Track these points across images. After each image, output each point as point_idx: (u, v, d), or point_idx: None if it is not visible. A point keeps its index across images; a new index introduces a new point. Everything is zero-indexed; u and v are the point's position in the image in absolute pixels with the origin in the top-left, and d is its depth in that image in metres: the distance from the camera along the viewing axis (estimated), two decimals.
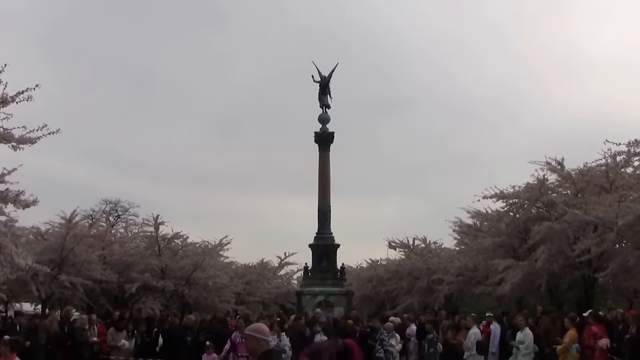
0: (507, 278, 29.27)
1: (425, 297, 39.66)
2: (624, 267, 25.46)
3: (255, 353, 7.52)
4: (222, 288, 38.32)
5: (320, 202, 40.06)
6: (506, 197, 31.45)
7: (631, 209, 23.18)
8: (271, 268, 48.70)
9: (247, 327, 10.29)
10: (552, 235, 27.74)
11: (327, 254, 39.38)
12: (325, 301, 36.70)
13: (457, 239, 40.03)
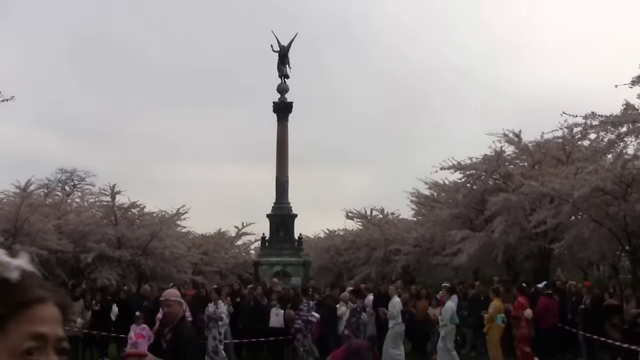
0: (464, 249, 29.50)
1: (382, 267, 39.90)
2: (579, 239, 25.80)
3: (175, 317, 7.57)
4: (179, 258, 38.23)
5: (278, 172, 39.93)
6: (463, 168, 31.62)
7: (587, 181, 23.41)
8: (228, 238, 48.62)
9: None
10: (508, 207, 27.96)
11: (285, 224, 39.35)
12: (283, 271, 36.70)
13: (415, 210, 40.33)
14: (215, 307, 18.19)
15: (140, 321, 17.25)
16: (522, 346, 18.82)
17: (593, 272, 37.27)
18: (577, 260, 31.91)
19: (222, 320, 17.93)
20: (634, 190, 22.68)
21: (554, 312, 21.08)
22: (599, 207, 23.95)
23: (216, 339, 17.75)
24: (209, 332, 17.97)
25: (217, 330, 17.80)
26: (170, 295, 7.89)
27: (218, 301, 18.38)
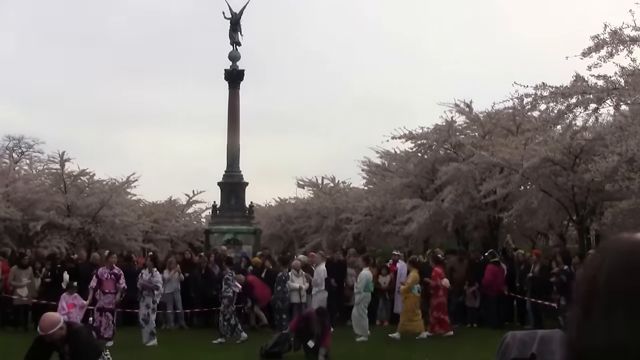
0: (414, 218, 29.71)
1: (333, 235, 40.10)
2: (527, 208, 26.16)
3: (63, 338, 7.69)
4: (129, 226, 38.02)
5: (229, 140, 39.66)
6: (415, 137, 31.75)
7: (536, 151, 23.70)
8: (179, 206, 48.45)
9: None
10: (459, 176, 28.22)
11: (236, 192, 39.19)
12: (234, 239, 36.60)
13: (366, 179, 40.52)
14: (150, 275, 18.02)
15: (72, 290, 17.03)
16: (439, 314, 19.39)
17: (541, 242, 37.83)
18: (526, 230, 32.40)
19: (157, 289, 17.78)
20: (582, 161, 23.03)
21: (501, 280, 21.39)
22: (547, 177, 24.29)
23: (149, 307, 17.58)
24: (142, 300, 17.84)
25: (151, 298, 17.63)
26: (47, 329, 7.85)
27: (153, 269, 18.21)
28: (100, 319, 17.72)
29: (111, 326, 17.79)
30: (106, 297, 17.81)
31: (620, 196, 21.41)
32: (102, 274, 18.02)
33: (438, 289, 19.47)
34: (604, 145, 20.76)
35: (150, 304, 17.65)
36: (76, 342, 7.79)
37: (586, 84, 18.82)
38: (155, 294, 17.77)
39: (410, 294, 18.96)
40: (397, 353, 16.02)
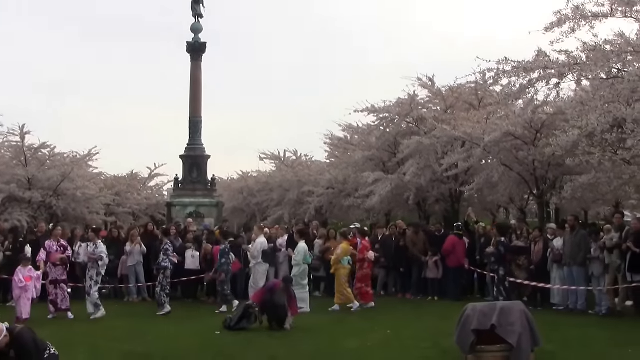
0: (376, 191, 29.79)
1: (295, 208, 40.11)
2: (489, 182, 26.33)
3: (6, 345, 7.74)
4: (91, 199, 37.72)
5: (191, 113, 39.50)
6: (377, 111, 31.78)
7: (498, 125, 23.84)
8: (141, 179, 48.16)
9: None
10: (421, 150, 28.30)
11: (198, 165, 39.11)
12: (196, 212, 36.59)
13: (328, 152, 40.53)
14: (94, 247, 17.90)
15: (26, 263, 16.90)
16: (363, 286, 19.75)
17: (502, 216, 38.20)
18: (487, 204, 32.66)
19: (101, 259, 17.68)
20: (543, 136, 23.22)
21: (461, 252, 21.62)
22: (509, 151, 24.46)
23: (92, 279, 17.49)
24: (88, 272, 17.75)
25: (95, 270, 17.54)
26: None
27: (97, 241, 18.08)
28: (56, 292, 17.68)
29: (67, 297, 17.75)
30: (57, 270, 17.76)
31: (580, 171, 21.64)
32: (50, 246, 17.91)
33: (364, 261, 19.86)
34: (565, 120, 20.93)
35: (94, 276, 17.52)
36: (20, 345, 7.84)
37: (548, 59, 18.91)
38: (100, 264, 17.62)
39: (340, 266, 19.33)
40: (359, 325, 16.13)
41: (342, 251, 19.40)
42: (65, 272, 18.04)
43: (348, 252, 19.49)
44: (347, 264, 19.50)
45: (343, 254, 19.34)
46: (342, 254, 19.34)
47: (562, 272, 18.75)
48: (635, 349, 12.60)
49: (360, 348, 13.01)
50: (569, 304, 18.72)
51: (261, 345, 13.41)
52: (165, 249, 18.76)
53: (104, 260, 17.77)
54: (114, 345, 13.39)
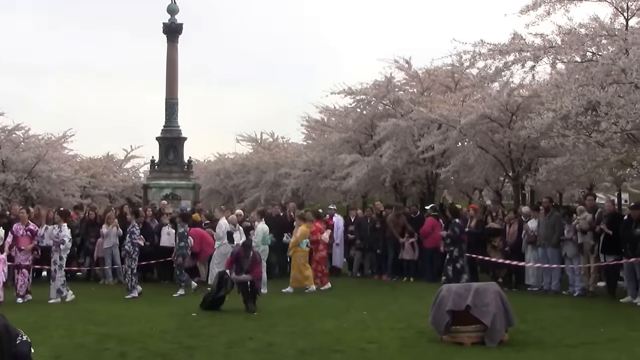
0: (353, 173, 29.89)
1: (272, 190, 40.14)
2: (464, 165, 26.50)
3: None
4: (66, 181, 37.60)
5: (167, 94, 39.28)
6: (354, 93, 31.87)
7: (474, 108, 23.96)
8: (117, 161, 47.92)
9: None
10: (397, 132, 28.39)
11: (174, 147, 38.94)
12: (172, 194, 36.47)
13: (305, 134, 40.59)
14: (58, 230, 17.75)
15: None
16: (320, 267, 20.00)
17: (477, 197, 38.39)
18: (463, 186, 32.89)
19: (63, 243, 17.52)
20: (518, 118, 23.36)
21: (439, 234, 21.74)
22: (484, 133, 24.59)
23: (56, 264, 17.36)
24: (52, 256, 17.61)
25: (58, 254, 17.42)
26: None
27: (62, 224, 17.92)
28: (17, 277, 17.51)
29: (26, 283, 17.58)
30: (22, 255, 17.56)
31: (555, 153, 21.81)
32: (17, 230, 17.74)
33: (318, 243, 20.00)
34: (540, 102, 21.06)
35: (57, 260, 17.38)
36: None
37: (524, 41, 19.00)
38: (62, 248, 17.46)
39: (299, 248, 19.50)
40: (335, 307, 16.21)
41: (301, 234, 19.55)
42: (30, 258, 17.85)
43: (307, 235, 19.65)
44: (306, 247, 19.67)
45: (302, 237, 19.51)
46: (301, 237, 19.50)
47: (536, 253, 18.94)
48: (607, 329, 12.76)
49: (336, 329, 13.07)
50: (543, 285, 18.92)
51: (238, 327, 13.45)
52: (131, 231, 18.67)
53: (65, 244, 17.53)
54: (89, 328, 13.36)
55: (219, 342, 11.86)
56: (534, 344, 11.45)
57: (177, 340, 12.00)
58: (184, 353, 10.89)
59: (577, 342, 11.47)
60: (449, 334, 11.53)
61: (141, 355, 10.79)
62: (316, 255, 19.99)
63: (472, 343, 11.24)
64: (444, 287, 11.94)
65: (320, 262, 20.08)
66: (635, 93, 15.48)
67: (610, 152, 18.29)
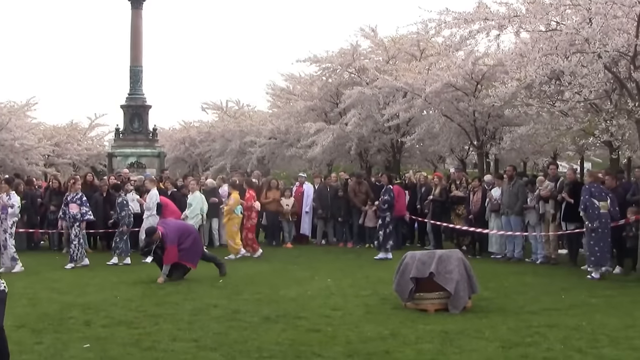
0: (318, 141, 29.88)
1: (237, 158, 40.06)
2: (429, 133, 26.61)
3: None
4: (29, 150, 37.27)
5: (131, 62, 38.83)
6: (319, 61, 31.76)
7: (439, 76, 23.98)
8: (81, 129, 47.42)
9: None
10: (362, 100, 28.39)
11: (139, 115, 38.56)
12: (137, 162, 36.23)
13: (270, 102, 40.46)
14: (7, 197, 17.55)
15: None
16: (251, 235, 20.23)
17: (443, 166, 38.59)
18: (428, 154, 33.04)
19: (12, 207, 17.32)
20: (483, 87, 23.44)
21: (403, 203, 21.90)
22: (449, 102, 24.66)
23: (6, 232, 17.20)
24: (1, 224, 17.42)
25: (7, 222, 17.24)
26: None
27: (10, 192, 17.72)
28: None
29: None
30: None
31: (519, 122, 21.97)
32: None
33: (251, 210, 20.18)
34: (505, 71, 21.13)
35: (7, 229, 17.22)
36: None
37: (488, 10, 18.98)
38: (9, 212, 17.26)
39: (233, 215, 19.72)
40: (300, 274, 16.30)
41: (233, 201, 19.78)
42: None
43: (239, 202, 19.85)
44: (240, 213, 19.85)
45: (235, 204, 19.72)
46: (234, 204, 19.71)
47: (499, 221, 19.14)
48: (568, 295, 12.95)
49: (301, 296, 13.15)
50: (506, 253, 19.14)
51: (202, 294, 13.47)
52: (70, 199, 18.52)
53: (13, 210, 17.32)
54: (54, 297, 13.33)
55: (183, 309, 11.89)
56: (497, 310, 11.60)
57: (142, 308, 12.00)
58: (148, 321, 10.90)
59: (539, 308, 11.65)
60: (412, 300, 11.63)
61: (106, 323, 10.78)
62: (247, 223, 20.17)
63: (435, 310, 11.36)
64: (408, 254, 12.03)
65: (250, 230, 20.30)
66: (598, 63, 15.57)
67: (573, 121, 18.46)
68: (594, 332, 9.71)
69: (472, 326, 10.22)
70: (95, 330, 10.30)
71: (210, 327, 10.40)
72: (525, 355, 8.51)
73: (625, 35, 15.27)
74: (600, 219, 15.23)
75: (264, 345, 9.17)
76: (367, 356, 8.58)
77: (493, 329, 9.98)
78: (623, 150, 19.29)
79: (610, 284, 14.38)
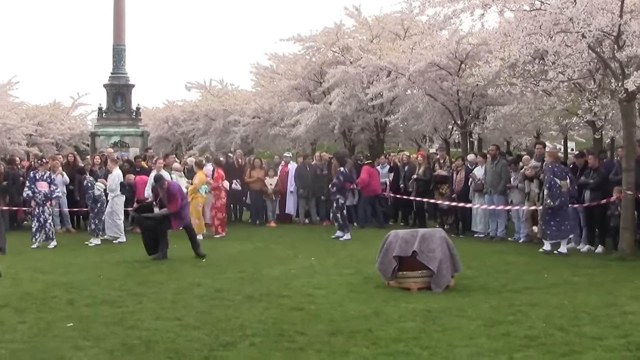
0: (302, 120, 29.83)
1: (221, 138, 39.93)
2: (413, 112, 26.58)
3: None
4: (12, 129, 37.05)
5: (114, 40, 38.53)
6: (303, 40, 31.68)
7: (423, 55, 23.93)
8: (64, 109, 47.11)
9: None
10: (346, 79, 28.33)
11: (122, 94, 38.29)
12: (121, 142, 36.04)
13: (254, 81, 40.37)
14: None
15: None
16: (219, 214, 20.46)
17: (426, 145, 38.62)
18: (411, 133, 33.04)
19: None
20: (467, 66, 23.40)
21: (376, 182, 22.01)
22: (433, 81, 24.60)
23: None
24: None
25: None
26: None
27: None
28: None
29: None
30: None
31: (503, 101, 21.96)
32: None
33: (220, 190, 20.37)
34: (489, 51, 21.09)
35: None
36: None
37: None
38: None
39: (198, 194, 19.87)
40: (283, 253, 16.35)
41: (199, 180, 19.91)
42: None
43: (204, 181, 19.97)
44: (205, 193, 19.99)
45: (201, 183, 19.84)
46: (199, 183, 19.83)
47: (482, 201, 19.20)
48: (550, 274, 13.03)
49: (284, 275, 13.18)
50: (489, 232, 19.22)
51: (186, 273, 13.49)
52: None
53: None
54: (36, 276, 13.31)
55: (167, 288, 11.90)
56: (479, 289, 11.66)
57: (125, 287, 12.01)
58: (132, 300, 10.90)
59: (521, 287, 11.71)
60: (395, 279, 11.68)
61: (89, 302, 10.79)
62: (217, 203, 20.33)
63: (418, 288, 11.41)
64: (392, 232, 12.06)
65: (220, 210, 20.42)
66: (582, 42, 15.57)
67: (556, 100, 18.48)
68: (576, 310, 9.78)
69: (454, 305, 10.27)
70: (79, 310, 10.30)
71: (193, 306, 10.43)
72: (508, 333, 8.56)
73: (609, 15, 15.26)
74: (561, 197, 15.91)
75: (247, 324, 9.19)
76: (350, 334, 8.61)
77: (475, 308, 10.03)
78: (606, 130, 19.37)
79: (592, 263, 14.49)
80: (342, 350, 7.89)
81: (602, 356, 7.55)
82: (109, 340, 8.49)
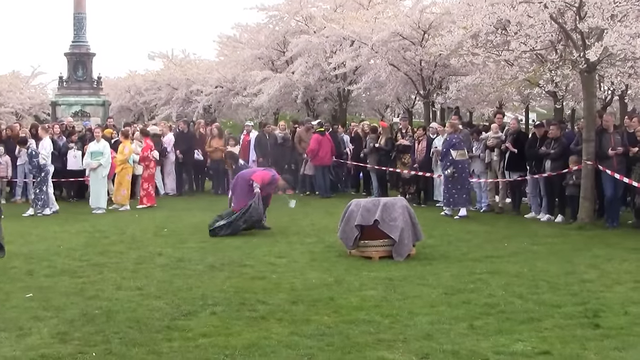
0: (265, 89, 29.78)
1: (184, 107, 39.71)
2: (376, 82, 26.62)
3: None
4: None
5: (75, 8, 37.98)
6: (267, 9, 31.57)
7: (386, 25, 23.93)
8: (24, 78, 46.57)
9: None
10: (309, 49, 28.29)
11: (83, 63, 37.84)
12: (82, 111, 35.70)
13: (218, 51, 40.17)
14: None
15: None
16: (147, 185, 20.33)
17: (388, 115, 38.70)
18: (374, 103, 33.10)
19: None
20: (430, 36, 23.41)
21: (327, 150, 22.06)
22: (396, 51, 24.60)
23: None
24: None
25: None
26: None
27: None
28: None
29: None
30: None
31: (466, 72, 22.04)
32: None
33: (150, 160, 20.31)
34: (452, 20, 21.11)
35: None
36: None
37: None
38: None
39: (127, 165, 19.72)
40: None
41: (128, 150, 19.73)
42: None
43: (132, 151, 19.83)
44: (132, 163, 19.85)
45: (130, 153, 19.70)
46: (128, 154, 19.67)
47: None
48: (510, 243, 13.15)
49: (246, 244, 13.16)
50: None
51: (147, 243, 13.45)
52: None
53: None
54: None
55: (128, 258, 11.84)
56: (440, 257, 11.73)
57: (86, 257, 11.92)
58: (92, 270, 10.83)
59: (482, 255, 11.81)
60: (357, 248, 11.71)
61: (48, 273, 10.69)
62: (145, 173, 20.23)
63: (379, 257, 11.45)
64: (353, 201, 12.08)
65: (149, 180, 20.34)
66: (544, 13, 15.60)
67: (518, 70, 18.57)
68: (535, 278, 9.88)
69: (415, 273, 10.33)
70: (38, 280, 10.21)
71: (154, 276, 10.38)
72: (468, 301, 8.63)
73: None
74: (457, 165, 17.03)
75: (208, 293, 9.17)
76: (311, 303, 8.63)
77: (436, 276, 10.10)
78: (567, 100, 19.51)
79: (552, 232, 14.64)
80: (303, 319, 7.91)
81: (560, 323, 7.63)
82: (69, 310, 8.42)
